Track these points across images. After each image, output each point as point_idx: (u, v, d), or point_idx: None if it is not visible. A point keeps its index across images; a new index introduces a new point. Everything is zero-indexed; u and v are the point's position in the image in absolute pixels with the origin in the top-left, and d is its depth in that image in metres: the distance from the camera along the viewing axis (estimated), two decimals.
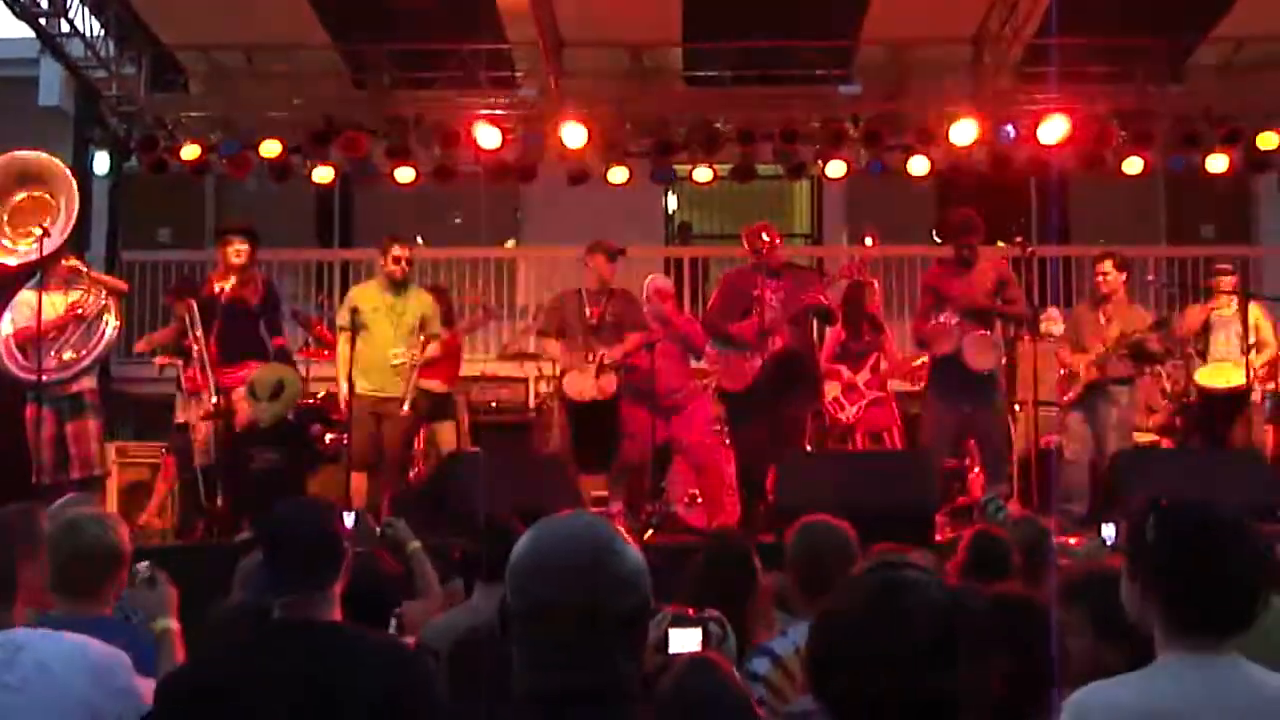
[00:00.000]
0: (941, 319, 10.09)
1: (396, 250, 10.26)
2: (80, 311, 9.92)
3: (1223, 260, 12.44)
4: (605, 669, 2.32)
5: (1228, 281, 11.17)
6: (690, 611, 3.96)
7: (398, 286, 10.31)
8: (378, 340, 10.06)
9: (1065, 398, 10.34)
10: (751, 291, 9.95)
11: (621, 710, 2.34)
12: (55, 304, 9.85)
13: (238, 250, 10.18)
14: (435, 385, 11.15)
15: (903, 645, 2.25)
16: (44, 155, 10.22)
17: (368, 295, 10.38)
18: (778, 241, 10.19)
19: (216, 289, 10.10)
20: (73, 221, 9.98)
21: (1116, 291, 10.44)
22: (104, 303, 10.03)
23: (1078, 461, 10.13)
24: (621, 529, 2.45)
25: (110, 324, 10.05)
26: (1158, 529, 2.97)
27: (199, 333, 9.70)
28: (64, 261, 9.91)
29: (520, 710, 2.37)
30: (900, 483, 8.94)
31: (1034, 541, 5.66)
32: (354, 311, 10.03)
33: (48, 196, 9.93)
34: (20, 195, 9.95)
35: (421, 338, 10.18)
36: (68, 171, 10.24)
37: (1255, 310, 10.97)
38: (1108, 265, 10.43)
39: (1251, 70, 13.76)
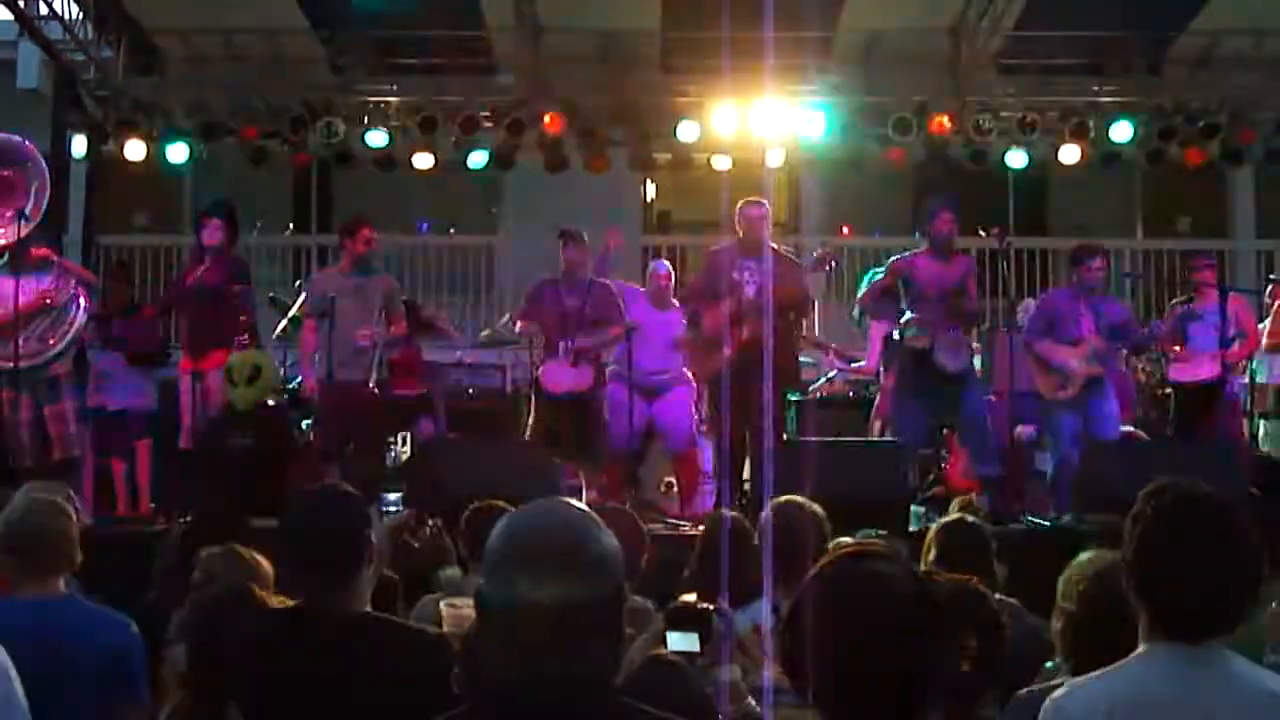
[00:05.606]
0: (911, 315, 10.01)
1: (367, 232, 10.23)
2: (49, 301, 9.87)
3: (1199, 253, 12.37)
4: (580, 655, 2.31)
5: (1208, 274, 11.09)
6: (694, 601, 3.89)
7: (363, 269, 10.29)
8: (344, 324, 10.01)
9: (1062, 393, 10.15)
10: (730, 272, 9.92)
11: (597, 697, 2.35)
12: (24, 290, 9.78)
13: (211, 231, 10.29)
14: (408, 391, 11.19)
15: (871, 636, 2.31)
16: (15, 137, 10.15)
17: (332, 280, 10.38)
18: (764, 223, 10.06)
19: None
20: (43, 207, 9.94)
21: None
22: (73, 291, 9.99)
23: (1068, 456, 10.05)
24: (596, 514, 2.44)
25: (81, 309, 10.01)
26: (1154, 514, 2.92)
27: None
28: (34, 251, 9.85)
29: (494, 697, 2.37)
30: (875, 473, 8.94)
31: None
32: (327, 298, 9.98)
33: (19, 178, 9.86)
34: None
35: (385, 317, 10.18)
36: (40, 155, 10.19)
37: (1237, 302, 10.96)
38: (1099, 260, 10.40)
39: (1228, 64, 13.84)
